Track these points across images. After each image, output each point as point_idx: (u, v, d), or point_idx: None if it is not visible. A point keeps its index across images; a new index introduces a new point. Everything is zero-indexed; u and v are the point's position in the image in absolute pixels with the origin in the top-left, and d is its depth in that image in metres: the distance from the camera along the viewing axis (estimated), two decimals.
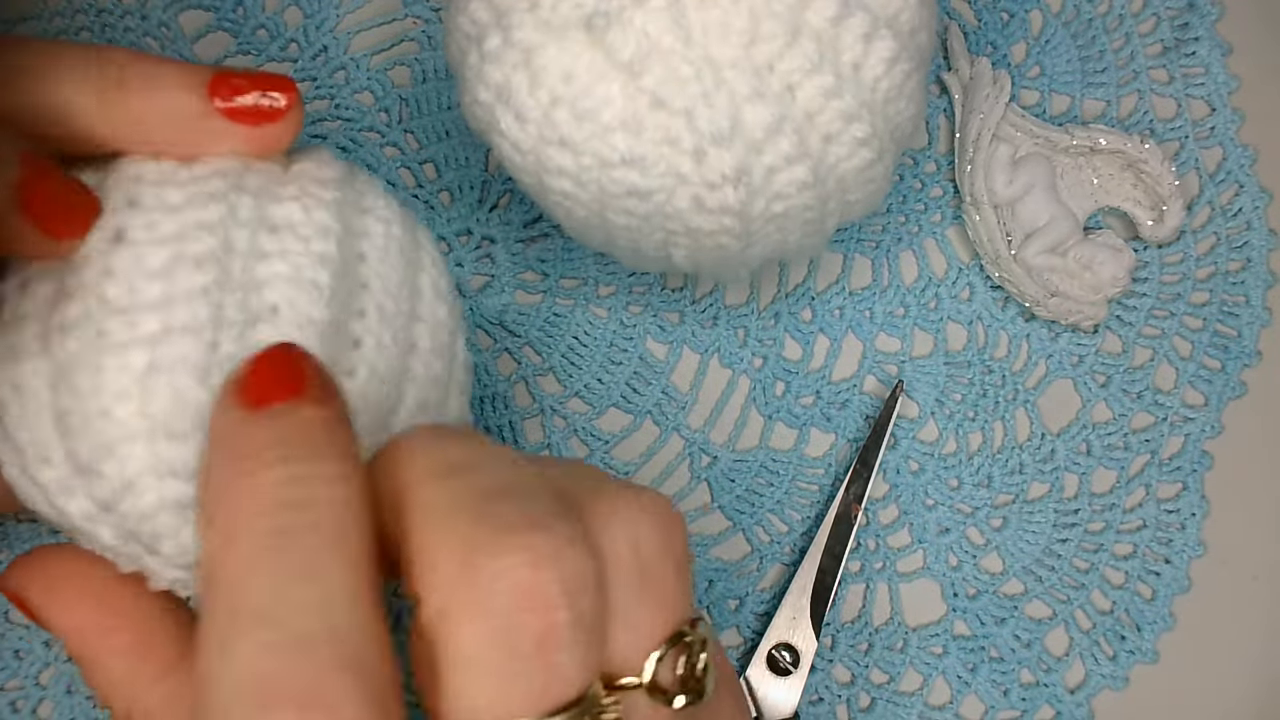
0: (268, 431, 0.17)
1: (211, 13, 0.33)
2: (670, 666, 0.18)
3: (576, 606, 0.16)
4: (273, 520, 0.16)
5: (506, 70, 0.25)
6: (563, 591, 0.16)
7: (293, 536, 0.16)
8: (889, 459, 0.34)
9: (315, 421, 0.17)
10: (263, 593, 0.16)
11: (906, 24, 0.25)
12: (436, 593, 0.17)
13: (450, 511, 0.17)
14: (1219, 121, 0.36)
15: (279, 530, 0.16)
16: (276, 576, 0.16)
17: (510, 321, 0.33)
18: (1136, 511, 0.34)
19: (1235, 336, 0.35)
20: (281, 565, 0.16)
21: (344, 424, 0.18)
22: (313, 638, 0.16)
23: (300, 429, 0.17)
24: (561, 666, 0.16)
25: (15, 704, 0.31)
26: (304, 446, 0.17)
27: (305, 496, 0.17)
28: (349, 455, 0.18)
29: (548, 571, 0.16)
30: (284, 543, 0.16)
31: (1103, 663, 0.33)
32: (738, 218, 0.26)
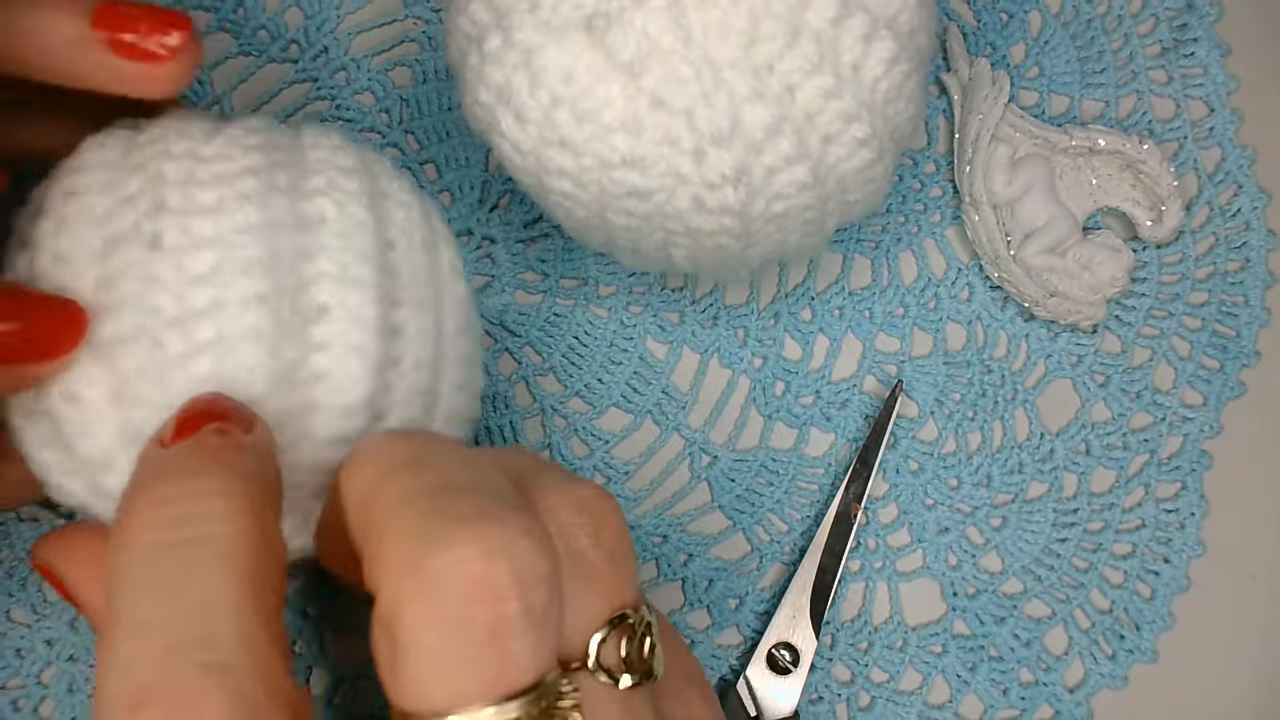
0: (169, 459, 0.18)
1: (212, 13, 0.33)
2: (614, 648, 0.18)
3: (528, 597, 0.17)
4: (160, 535, 0.17)
5: (507, 71, 0.25)
6: (515, 582, 0.17)
7: (177, 550, 0.17)
8: (889, 458, 0.34)
9: (213, 448, 0.18)
10: (143, 600, 0.17)
11: (906, 25, 0.26)
12: (390, 584, 0.17)
13: (403, 505, 0.17)
14: (1218, 122, 0.36)
15: (165, 544, 0.17)
16: (157, 585, 0.17)
17: (510, 321, 0.33)
18: (1135, 511, 0.34)
19: (1234, 336, 0.35)
20: (163, 576, 0.17)
21: (246, 451, 0.19)
22: (182, 643, 0.16)
23: (198, 455, 0.18)
24: (515, 655, 0.17)
25: (17, 702, 0.31)
26: (200, 469, 0.18)
27: (195, 514, 0.18)
28: (248, 475, 0.18)
29: (499, 563, 0.17)
30: (168, 556, 0.17)
31: (1102, 662, 0.33)
32: (738, 218, 0.26)
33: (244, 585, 0.17)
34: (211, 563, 0.17)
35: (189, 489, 0.18)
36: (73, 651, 0.31)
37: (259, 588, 0.17)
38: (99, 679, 0.17)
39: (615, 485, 0.33)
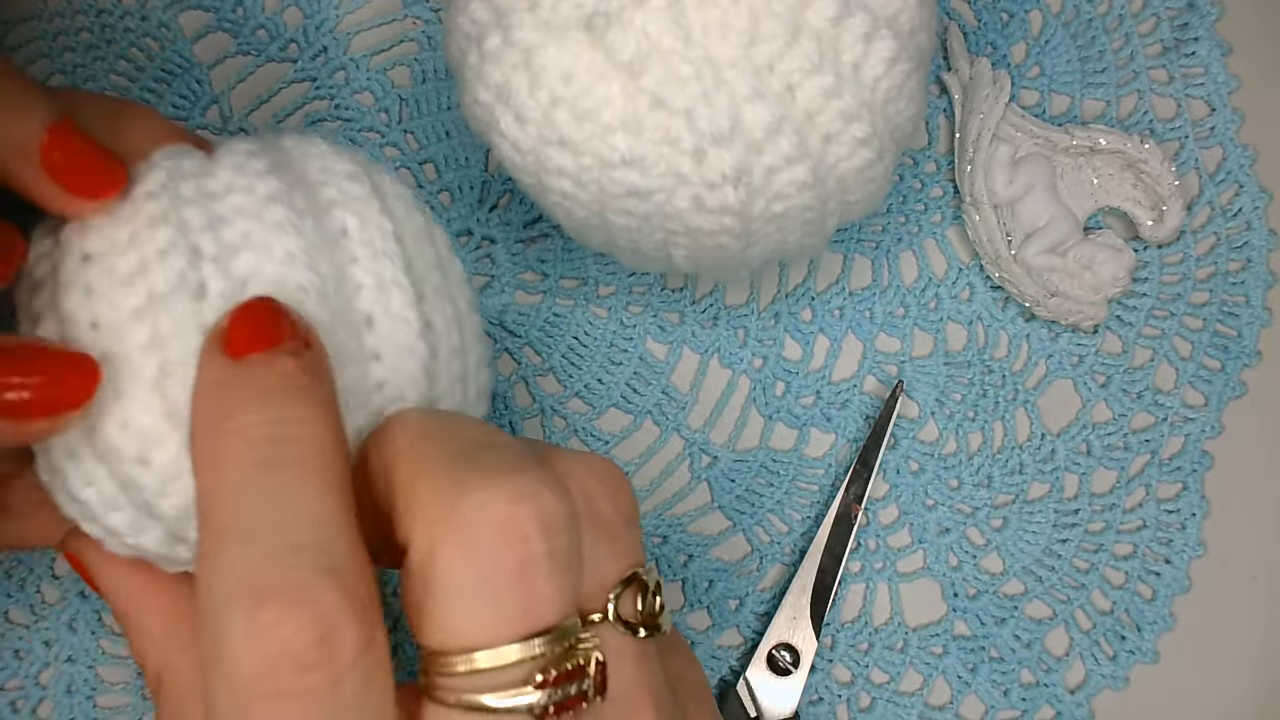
0: (249, 379, 0.19)
1: (211, 13, 0.33)
2: (630, 603, 0.20)
3: (552, 540, 0.18)
4: (256, 453, 0.18)
5: (506, 70, 0.25)
6: (540, 526, 0.18)
7: (275, 466, 0.18)
8: (889, 459, 0.34)
9: (291, 370, 0.19)
10: (249, 511, 0.18)
11: (906, 24, 0.25)
12: (424, 532, 0.18)
13: (434, 462, 0.19)
14: (1219, 121, 0.36)
15: (262, 461, 0.18)
16: (262, 498, 0.18)
17: (510, 321, 0.33)
18: (1136, 511, 0.34)
19: (1235, 336, 0.35)
20: (266, 489, 0.18)
21: (318, 372, 0.20)
22: (295, 546, 0.18)
23: (278, 377, 0.19)
24: (540, 594, 0.18)
25: (15, 704, 0.31)
26: (282, 392, 0.19)
27: (285, 434, 0.19)
28: (324, 400, 0.19)
29: (527, 507, 0.18)
30: (267, 471, 0.18)
31: (1103, 663, 0.33)
32: (738, 218, 0.26)
33: (340, 497, 0.18)
34: (309, 478, 0.18)
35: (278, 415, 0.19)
36: (71, 653, 0.31)
37: (348, 499, 0.19)
38: (205, 585, 0.18)
39: None
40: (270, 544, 0.18)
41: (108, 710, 0.31)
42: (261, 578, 0.17)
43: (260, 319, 0.20)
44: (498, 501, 0.18)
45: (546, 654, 0.18)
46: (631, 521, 0.21)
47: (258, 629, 0.17)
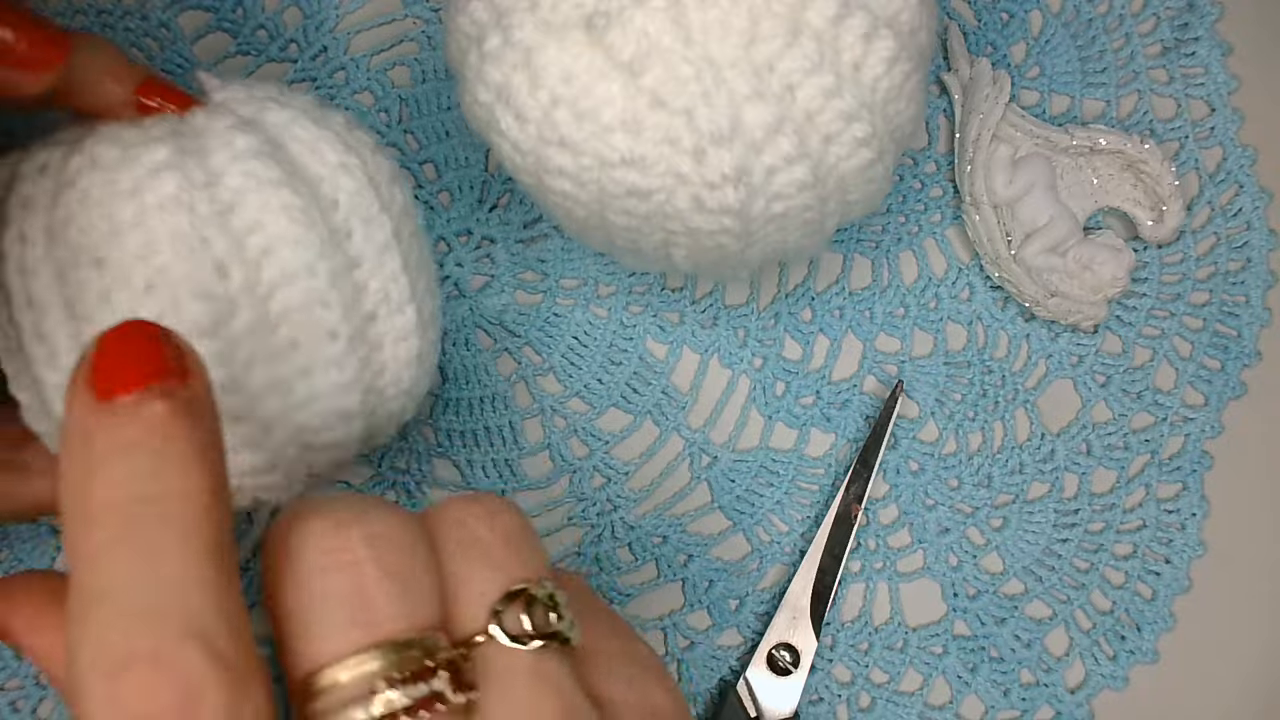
0: (113, 429, 0.18)
1: (211, 13, 0.33)
2: (516, 618, 0.20)
3: (384, 556, 0.19)
4: (122, 513, 0.17)
5: (506, 70, 0.25)
6: (368, 544, 0.19)
7: (141, 527, 0.17)
8: (889, 459, 0.34)
9: (160, 418, 0.18)
10: (113, 574, 0.17)
11: (906, 24, 0.25)
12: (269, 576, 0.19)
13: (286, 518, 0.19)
14: (1219, 121, 0.36)
15: (128, 521, 0.17)
16: (126, 561, 0.17)
17: (510, 321, 0.33)
18: (1136, 511, 0.34)
19: (1235, 336, 0.35)
20: (131, 552, 0.17)
21: (193, 413, 0.18)
22: (158, 610, 0.17)
23: (148, 424, 0.18)
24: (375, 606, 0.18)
25: (15, 704, 0.31)
26: (149, 445, 0.18)
27: (148, 493, 0.18)
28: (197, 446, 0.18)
29: (352, 529, 0.19)
30: (133, 532, 0.17)
31: (1103, 663, 0.33)
32: (738, 218, 0.26)
33: (210, 557, 0.18)
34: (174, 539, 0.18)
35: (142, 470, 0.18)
36: None
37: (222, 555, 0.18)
38: (71, 653, 0.17)
39: (615, 485, 0.33)
40: (131, 608, 0.17)
41: None
42: (121, 642, 0.17)
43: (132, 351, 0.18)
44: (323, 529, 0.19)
45: (393, 662, 0.18)
46: (512, 540, 0.21)
47: (117, 695, 0.16)
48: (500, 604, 0.20)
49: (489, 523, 0.21)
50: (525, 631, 0.19)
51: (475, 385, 0.33)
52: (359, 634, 0.18)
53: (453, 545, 0.20)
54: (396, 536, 0.19)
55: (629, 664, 0.22)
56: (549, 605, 0.20)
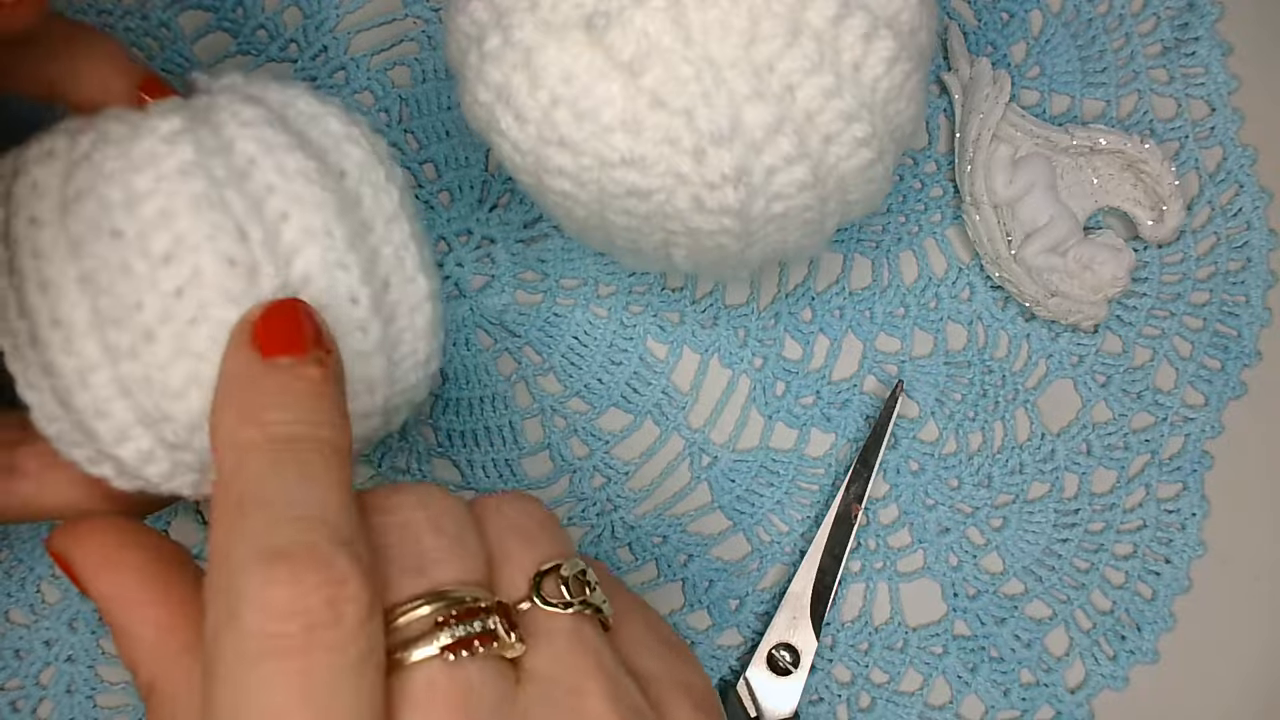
0: (277, 380, 0.21)
1: (211, 13, 0.33)
2: (554, 588, 0.22)
3: (437, 519, 0.21)
4: (279, 446, 0.20)
5: (506, 70, 0.25)
6: (424, 511, 0.21)
7: (295, 454, 0.20)
8: (889, 459, 0.34)
9: (314, 380, 0.21)
10: (268, 487, 0.20)
11: (906, 24, 0.25)
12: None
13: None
14: (1219, 121, 0.36)
15: (284, 450, 0.20)
16: (280, 478, 0.20)
17: (510, 321, 0.33)
18: (1137, 511, 0.34)
19: (1235, 336, 0.35)
20: (284, 472, 0.20)
21: (337, 382, 0.22)
22: (310, 517, 0.19)
23: (302, 385, 0.21)
24: (431, 557, 0.21)
25: (15, 704, 0.31)
26: (306, 397, 0.21)
27: (304, 434, 0.21)
28: (339, 407, 0.22)
29: (407, 494, 0.22)
30: (286, 459, 0.20)
31: (1103, 663, 0.33)
32: (738, 218, 0.26)
33: (347, 492, 0.20)
34: (323, 471, 0.20)
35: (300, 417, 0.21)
36: (70, 653, 0.31)
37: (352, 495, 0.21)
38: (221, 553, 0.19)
39: (615, 485, 0.33)
40: (287, 512, 0.19)
41: (108, 710, 0.31)
42: (277, 540, 0.19)
43: (292, 323, 0.22)
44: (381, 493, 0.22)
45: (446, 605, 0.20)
46: (545, 526, 0.23)
47: (271, 586, 0.18)
48: (538, 576, 0.21)
49: (524, 510, 0.23)
50: (563, 599, 0.21)
51: (475, 385, 0.33)
52: (417, 581, 0.20)
53: (494, 527, 0.22)
54: (447, 505, 0.22)
55: (659, 641, 0.23)
56: (582, 580, 0.22)
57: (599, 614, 0.22)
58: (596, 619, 0.22)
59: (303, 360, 0.21)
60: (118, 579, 0.22)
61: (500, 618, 0.20)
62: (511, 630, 0.20)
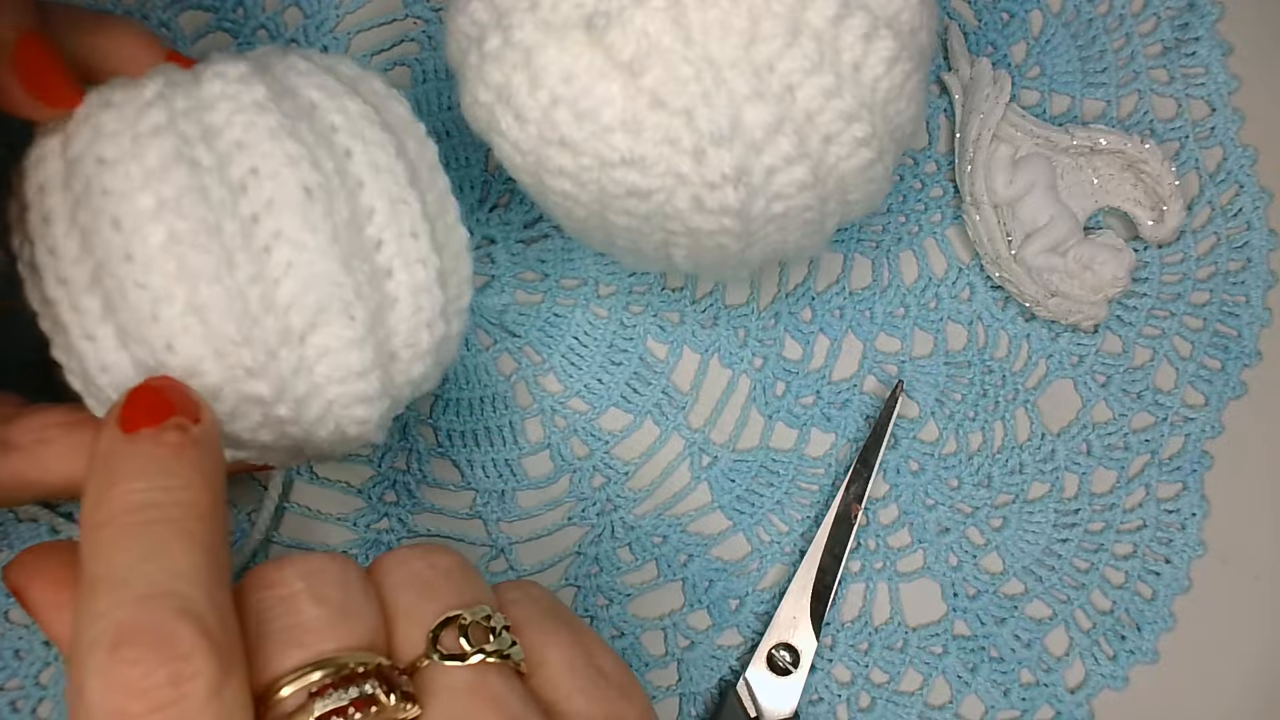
0: (136, 451, 0.21)
1: (212, 13, 0.33)
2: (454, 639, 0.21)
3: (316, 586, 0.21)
4: (132, 516, 0.20)
5: (507, 70, 0.25)
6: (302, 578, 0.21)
7: (147, 526, 0.20)
8: (889, 459, 0.34)
9: (174, 442, 0.21)
10: (118, 564, 0.20)
11: (907, 24, 0.25)
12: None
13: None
14: (1219, 121, 0.36)
15: (136, 522, 0.20)
16: (131, 553, 0.20)
17: (510, 321, 0.33)
18: (1137, 511, 0.34)
19: (1235, 336, 0.35)
20: (136, 545, 0.20)
21: (204, 444, 0.22)
22: (157, 595, 0.19)
23: (160, 450, 0.21)
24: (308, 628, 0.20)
25: (15, 704, 0.31)
26: (164, 462, 0.21)
27: (160, 499, 0.20)
28: (206, 469, 0.21)
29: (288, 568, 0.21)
30: (139, 530, 0.20)
31: (1103, 663, 0.33)
32: (738, 218, 0.26)
33: (208, 556, 0.20)
34: (179, 537, 0.20)
35: (156, 483, 0.21)
36: None
37: (219, 560, 0.21)
38: (75, 635, 0.19)
39: (615, 485, 0.33)
40: (133, 590, 0.19)
41: None
42: (120, 620, 0.19)
43: (152, 398, 0.22)
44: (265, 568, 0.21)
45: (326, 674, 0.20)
46: (450, 574, 0.22)
47: (112, 667, 0.18)
48: (436, 629, 0.21)
49: (427, 560, 0.22)
50: (463, 651, 0.21)
51: (475, 385, 0.33)
52: (296, 654, 0.20)
53: (393, 581, 0.22)
54: (333, 573, 0.21)
55: (590, 675, 0.22)
56: (486, 626, 0.21)
57: (506, 659, 0.21)
58: (505, 666, 0.21)
59: (162, 428, 0.21)
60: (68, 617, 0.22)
61: (378, 681, 0.20)
62: (393, 692, 0.20)
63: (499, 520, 0.32)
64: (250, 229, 0.23)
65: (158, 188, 0.22)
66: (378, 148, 0.24)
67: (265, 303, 0.23)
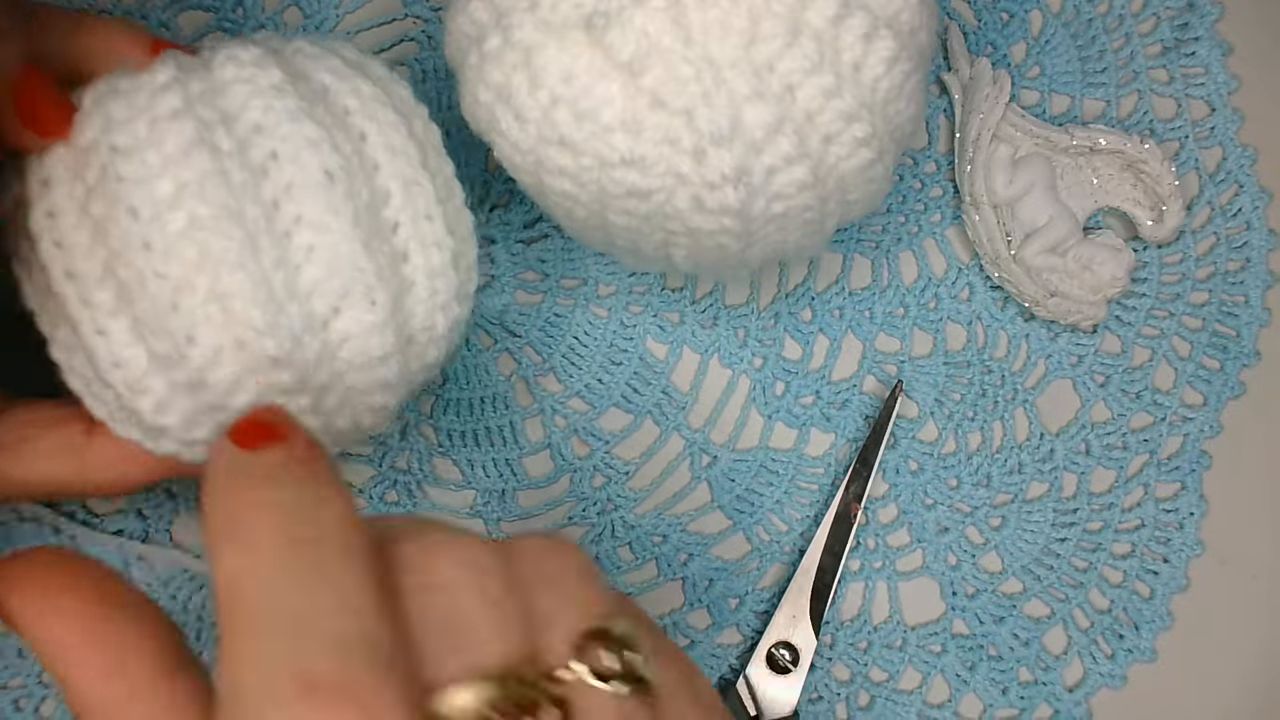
0: (266, 464, 0.20)
1: (211, 13, 0.33)
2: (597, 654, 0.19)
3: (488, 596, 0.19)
4: (288, 534, 0.18)
5: (506, 70, 0.25)
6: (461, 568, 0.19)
7: (307, 544, 0.18)
8: (888, 458, 0.34)
9: (306, 458, 0.20)
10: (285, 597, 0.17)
11: (906, 24, 0.25)
12: None
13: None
14: (1219, 121, 0.36)
15: (296, 540, 0.18)
16: (297, 581, 0.18)
17: (510, 321, 0.33)
18: (1135, 511, 0.34)
19: (1234, 336, 0.35)
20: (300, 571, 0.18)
21: (328, 460, 0.20)
22: (347, 636, 0.17)
23: (294, 463, 0.20)
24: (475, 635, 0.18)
25: (18, 702, 0.31)
26: (300, 474, 0.19)
27: (309, 515, 0.19)
28: (337, 483, 0.20)
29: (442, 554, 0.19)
30: (301, 549, 0.18)
31: (1101, 661, 0.33)
32: (738, 218, 0.26)
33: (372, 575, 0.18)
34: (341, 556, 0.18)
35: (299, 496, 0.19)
36: None
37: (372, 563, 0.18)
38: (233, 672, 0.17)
39: (615, 485, 0.33)
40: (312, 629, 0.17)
41: None
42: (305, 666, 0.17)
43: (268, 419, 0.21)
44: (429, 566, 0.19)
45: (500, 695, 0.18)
46: (585, 578, 0.21)
47: (306, 715, 0.16)
48: (581, 640, 0.19)
49: (562, 562, 0.21)
50: (608, 669, 0.19)
51: (475, 385, 0.33)
52: (455, 661, 0.18)
53: (529, 581, 0.20)
54: (489, 563, 0.19)
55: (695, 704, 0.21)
56: (626, 643, 0.20)
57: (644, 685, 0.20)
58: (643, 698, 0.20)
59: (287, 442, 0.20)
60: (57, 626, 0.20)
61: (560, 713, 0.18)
62: None
63: (499, 520, 0.33)
64: (272, 213, 0.22)
65: (177, 173, 0.22)
66: (391, 129, 0.24)
67: (289, 289, 0.22)
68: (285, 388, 0.23)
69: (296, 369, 0.23)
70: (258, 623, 0.17)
